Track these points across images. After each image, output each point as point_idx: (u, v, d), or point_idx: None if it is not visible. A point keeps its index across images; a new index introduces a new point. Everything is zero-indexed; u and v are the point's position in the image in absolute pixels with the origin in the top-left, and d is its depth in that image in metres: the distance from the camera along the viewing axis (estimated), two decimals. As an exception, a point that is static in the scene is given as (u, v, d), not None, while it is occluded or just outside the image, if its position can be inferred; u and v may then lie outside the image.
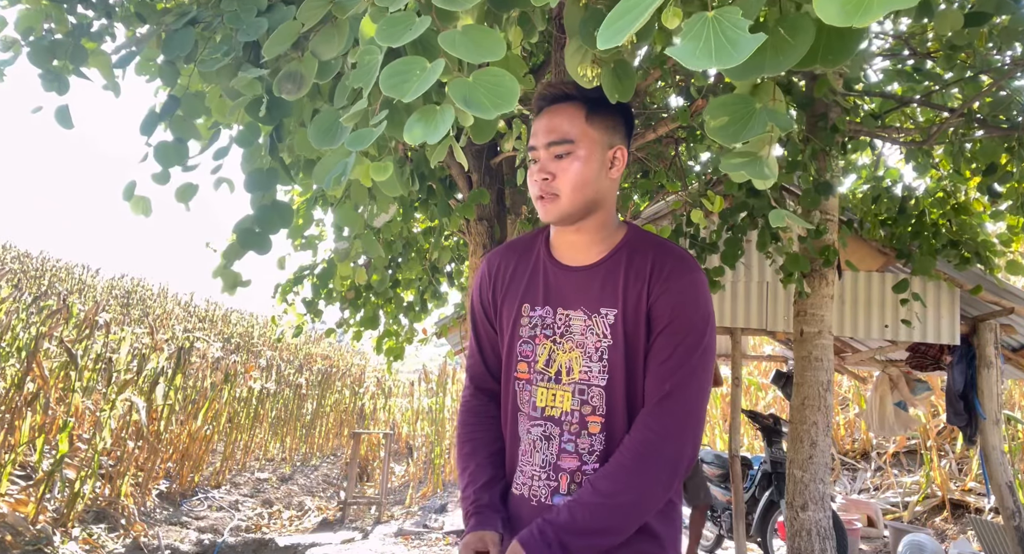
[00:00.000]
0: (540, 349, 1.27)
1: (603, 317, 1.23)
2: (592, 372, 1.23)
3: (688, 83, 3.23)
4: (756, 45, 0.72)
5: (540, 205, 1.23)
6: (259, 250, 1.82)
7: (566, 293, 1.26)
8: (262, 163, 1.78)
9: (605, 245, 1.26)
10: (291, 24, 1.37)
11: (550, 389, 1.26)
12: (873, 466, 8.22)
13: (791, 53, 0.92)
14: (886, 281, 4.61)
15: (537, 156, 1.24)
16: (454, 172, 3.30)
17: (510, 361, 1.31)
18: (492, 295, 1.36)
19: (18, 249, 15.79)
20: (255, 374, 9.50)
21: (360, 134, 1.16)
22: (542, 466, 1.25)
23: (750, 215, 3.30)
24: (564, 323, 1.26)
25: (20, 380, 4.82)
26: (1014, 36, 2.58)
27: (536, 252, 1.34)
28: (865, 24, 0.66)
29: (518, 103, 1.10)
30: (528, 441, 1.28)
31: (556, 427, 1.24)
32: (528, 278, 1.31)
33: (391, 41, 1.01)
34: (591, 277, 1.25)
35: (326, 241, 4.70)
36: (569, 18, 1.33)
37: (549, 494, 1.25)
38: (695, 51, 0.74)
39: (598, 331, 1.23)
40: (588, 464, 1.23)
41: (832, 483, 7.66)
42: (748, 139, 1.06)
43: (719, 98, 1.09)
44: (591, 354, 1.23)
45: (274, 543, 5.44)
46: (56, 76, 1.87)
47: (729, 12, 0.75)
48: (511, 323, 1.31)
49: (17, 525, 4.26)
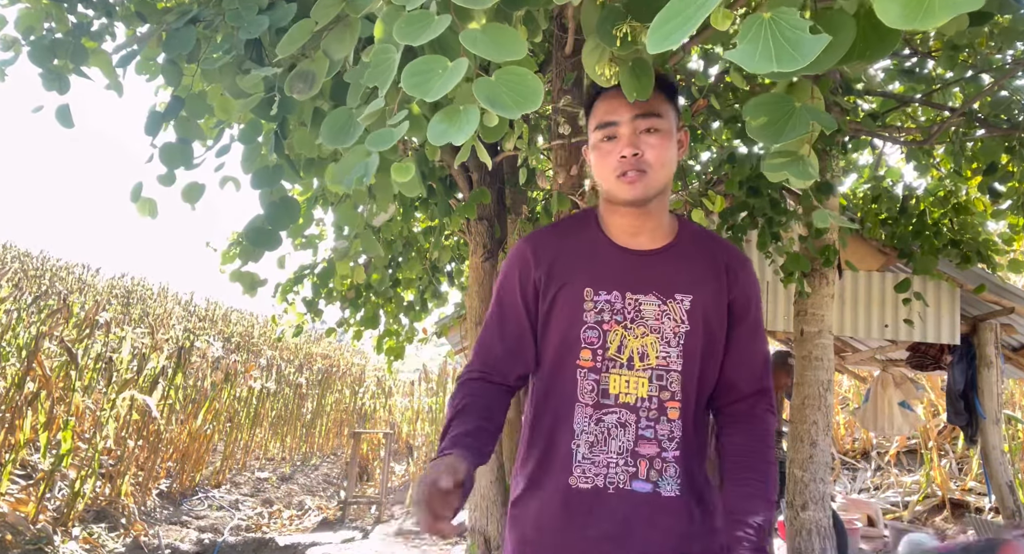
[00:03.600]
0: (611, 335, 1.22)
1: (679, 303, 1.23)
2: (670, 357, 1.22)
3: (689, 83, 3.23)
4: (821, 46, 0.70)
5: (624, 182, 1.18)
6: (270, 247, 1.83)
7: (635, 278, 1.24)
8: (267, 160, 1.78)
9: (667, 230, 1.27)
10: (305, 22, 1.36)
11: (623, 376, 1.22)
12: (873, 466, 8.22)
13: (832, 51, 0.89)
14: (886, 281, 4.61)
15: (617, 132, 1.20)
16: (454, 172, 3.30)
17: (568, 349, 1.23)
18: (540, 280, 1.25)
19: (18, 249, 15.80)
20: (255, 373, 9.50)
21: (381, 134, 1.14)
22: (619, 453, 1.21)
23: (750, 215, 3.30)
24: (634, 308, 1.22)
25: (20, 379, 4.82)
26: (1015, 36, 2.58)
27: (590, 235, 1.28)
28: (927, 27, 0.64)
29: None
30: (600, 430, 1.21)
31: (631, 414, 1.21)
32: (588, 262, 1.25)
33: (410, 39, 1.00)
34: (661, 262, 1.25)
35: (326, 240, 4.70)
36: (586, 17, 1.32)
37: (628, 480, 1.21)
38: (755, 54, 0.72)
39: (675, 317, 1.22)
40: (668, 451, 1.22)
41: (832, 483, 7.66)
42: (791, 138, 1.04)
43: (757, 97, 1.07)
44: (669, 339, 1.22)
45: (274, 543, 5.45)
46: (57, 75, 1.87)
47: (786, 13, 0.72)
48: (569, 309, 1.23)
49: (17, 524, 4.26)
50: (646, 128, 1.19)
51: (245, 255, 1.93)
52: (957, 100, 3.41)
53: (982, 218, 4.04)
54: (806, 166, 1.13)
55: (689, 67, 3.24)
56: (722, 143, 3.78)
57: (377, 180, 2.00)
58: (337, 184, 1.41)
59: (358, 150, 1.29)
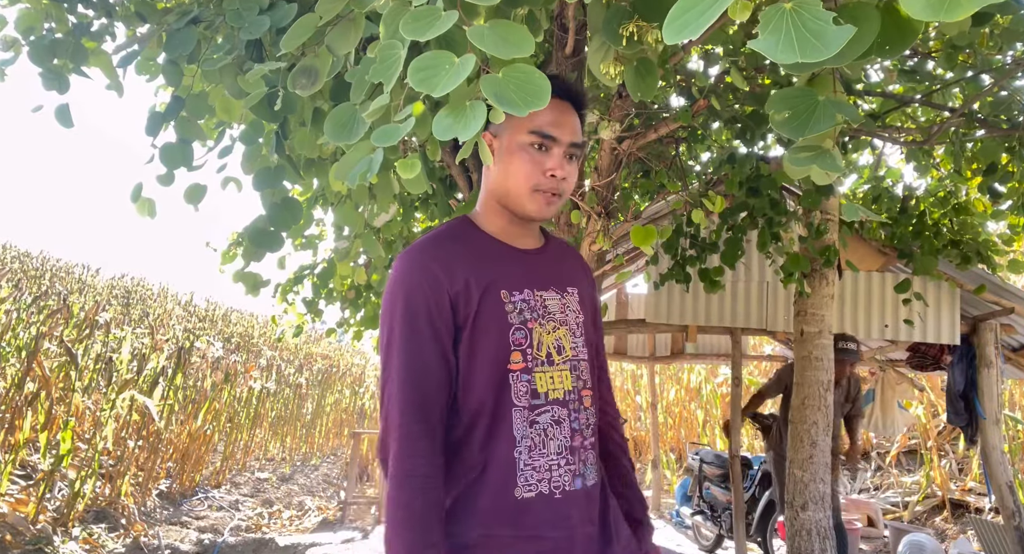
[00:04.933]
0: (533, 334, 1.21)
1: (572, 295, 1.30)
2: (578, 347, 1.27)
3: (689, 83, 3.23)
4: (847, 37, 0.69)
5: (540, 199, 1.19)
6: (272, 248, 1.84)
7: (535, 275, 1.26)
8: (268, 161, 1.78)
9: (537, 233, 1.34)
10: (309, 17, 1.36)
11: (547, 372, 1.21)
12: (873, 466, 8.22)
13: (855, 43, 0.89)
14: (886, 281, 4.61)
15: (551, 147, 1.19)
16: (454, 172, 3.30)
17: (498, 355, 1.17)
18: (457, 293, 1.17)
19: (18, 249, 15.79)
20: (255, 374, 9.50)
21: (387, 130, 1.13)
22: (558, 453, 1.19)
23: (750, 215, 3.30)
24: (541, 304, 1.24)
25: (20, 380, 4.82)
26: (1015, 36, 2.58)
27: (480, 239, 1.25)
28: (952, 19, 0.64)
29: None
30: (535, 432, 1.18)
31: (562, 408, 1.21)
32: (493, 264, 1.22)
33: (417, 35, 1.00)
34: (547, 260, 1.30)
35: (326, 241, 4.70)
36: (592, 15, 1.32)
37: (571, 480, 1.19)
38: (777, 44, 0.71)
39: (573, 308, 1.29)
40: (587, 438, 1.25)
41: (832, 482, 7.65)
42: (816, 132, 1.04)
43: (781, 91, 1.06)
44: (574, 330, 1.27)
45: (274, 543, 5.44)
46: (56, 75, 1.87)
47: (809, 4, 0.72)
48: (494, 314, 1.18)
49: (17, 525, 4.26)
50: (570, 155, 1.21)
51: (247, 255, 1.94)
52: (957, 100, 3.41)
53: (982, 218, 4.04)
54: (832, 159, 1.12)
55: (689, 67, 3.24)
56: (722, 143, 3.78)
57: (378, 180, 2.01)
58: (340, 180, 1.40)
59: (362, 146, 1.28)
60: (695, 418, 10.24)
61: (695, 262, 3.61)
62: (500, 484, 1.15)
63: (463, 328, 1.17)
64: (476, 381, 1.17)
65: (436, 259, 1.17)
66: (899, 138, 3.70)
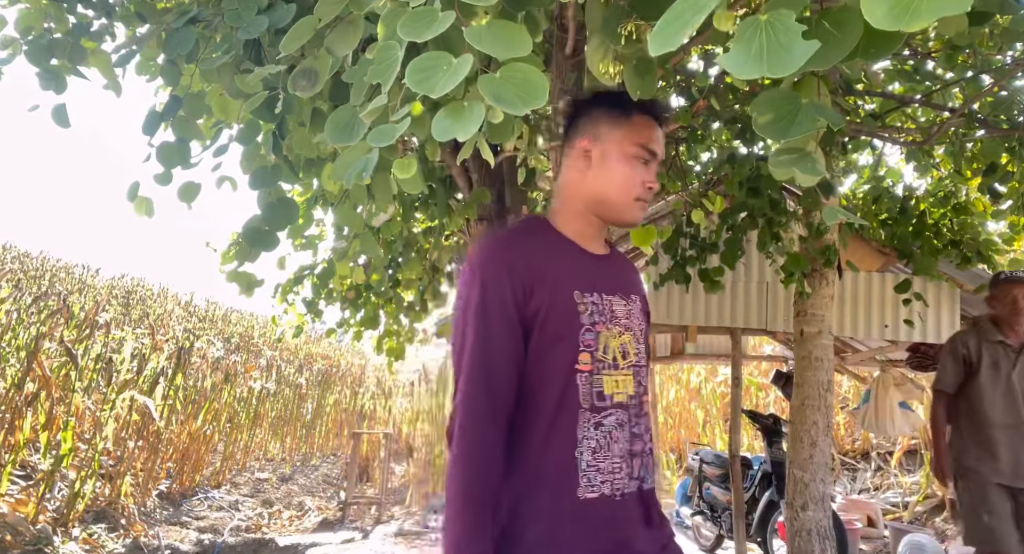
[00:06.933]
0: (601, 336, 1.24)
1: (635, 303, 1.33)
2: (640, 353, 1.30)
3: (689, 83, 3.22)
4: (810, 52, 0.70)
5: (638, 207, 1.29)
6: (267, 247, 1.83)
7: (603, 279, 1.29)
8: (266, 161, 1.78)
9: (603, 240, 1.39)
10: (309, 20, 1.36)
11: (612, 376, 1.24)
12: (873, 466, 8.22)
13: (838, 47, 0.89)
14: (886, 281, 4.61)
15: (651, 161, 1.29)
16: (454, 172, 3.30)
17: (567, 355, 1.19)
18: (531, 286, 1.19)
19: (18, 249, 15.78)
20: (255, 374, 9.50)
21: (383, 130, 1.14)
22: (621, 456, 1.22)
23: (750, 215, 3.30)
24: (609, 308, 1.27)
25: (20, 380, 4.82)
26: (1015, 36, 2.58)
27: (555, 239, 1.29)
28: (912, 29, 0.64)
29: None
30: (601, 434, 1.20)
31: (625, 413, 1.25)
32: (566, 266, 1.25)
33: (415, 36, 1.00)
34: (613, 265, 1.35)
35: (326, 241, 4.71)
36: (591, 14, 1.33)
37: (630, 482, 1.23)
38: (746, 59, 0.72)
39: (636, 315, 1.32)
40: (647, 442, 1.29)
41: (832, 483, 7.65)
42: (798, 135, 1.05)
43: (764, 94, 1.07)
44: (638, 336, 1.31)
45: (274, 543, 5.44)
46: (54, 75, 1.87)
47: (782, 16, 0.72)
48: (565, 314, 1.20)
49: (17, 525, 4.26)
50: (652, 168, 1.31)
51: (242, 255, 1.94)
52: (957, 100, 3.41)
53: (982, 218, 4.04)
54: (813, 163, 1.14)
55: (689, 67, 3.24)
56: (722, 143, 3.78)
57: (376, 180, 2.00)
58: (337, 180, 1.40)
59: (359, 146, 1.29)
60: (695, 418, 10.23)
61: (695, 262, 3.61)
62: (563, 483, 1.17)
63: (534, 321, 1.19)
64: (543, 378, 1.19)
65: (514, 249, 1.22)
66: (899, 138, 3.70)
